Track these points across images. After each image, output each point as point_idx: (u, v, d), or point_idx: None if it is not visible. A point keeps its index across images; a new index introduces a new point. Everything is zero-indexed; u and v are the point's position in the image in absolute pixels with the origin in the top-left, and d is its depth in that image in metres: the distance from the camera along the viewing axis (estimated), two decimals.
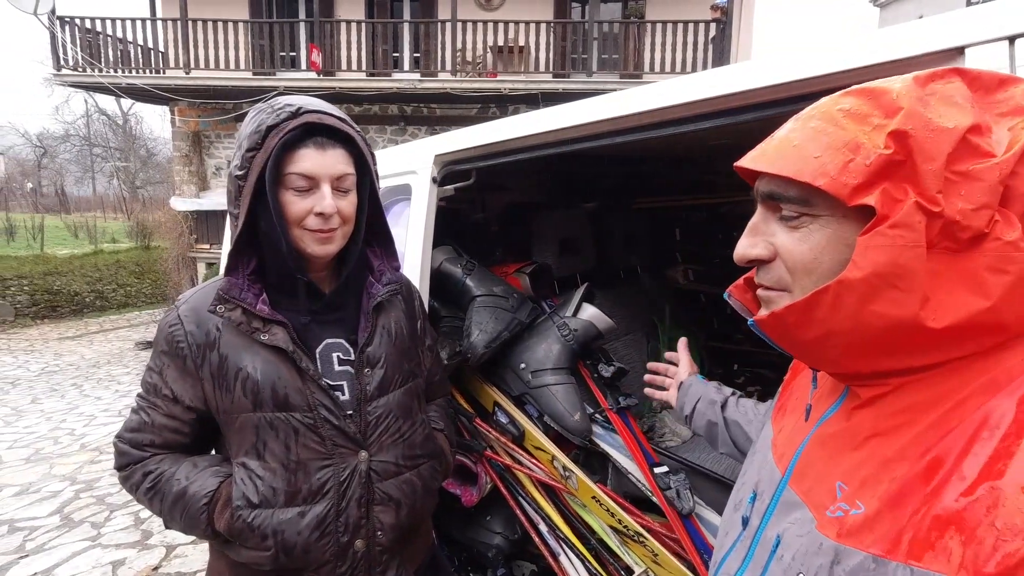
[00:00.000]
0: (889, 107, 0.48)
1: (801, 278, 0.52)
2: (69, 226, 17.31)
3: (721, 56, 9.06)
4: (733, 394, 1.10)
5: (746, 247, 0.56)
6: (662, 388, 1.25)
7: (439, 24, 9.35)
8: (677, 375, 1.22)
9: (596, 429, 1.62)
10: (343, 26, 9.36)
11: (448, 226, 1.70)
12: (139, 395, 1.02)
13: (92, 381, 6.91)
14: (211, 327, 0.96)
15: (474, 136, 1.50)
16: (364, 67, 9.43)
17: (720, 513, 1.46)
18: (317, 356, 1.01)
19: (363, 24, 9.39)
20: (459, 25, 9.09)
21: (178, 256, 9.90)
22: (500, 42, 9.30)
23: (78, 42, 9.32)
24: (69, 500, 3.75)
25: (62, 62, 9.33)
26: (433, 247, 1.62)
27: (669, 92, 1.12)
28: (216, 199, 9.74)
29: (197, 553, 3.04)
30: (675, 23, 9.17)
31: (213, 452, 1.09)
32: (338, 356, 1.02)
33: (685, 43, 9.19)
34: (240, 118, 9.69)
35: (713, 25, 9.18)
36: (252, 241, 0.96)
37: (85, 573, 2.92)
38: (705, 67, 8.95)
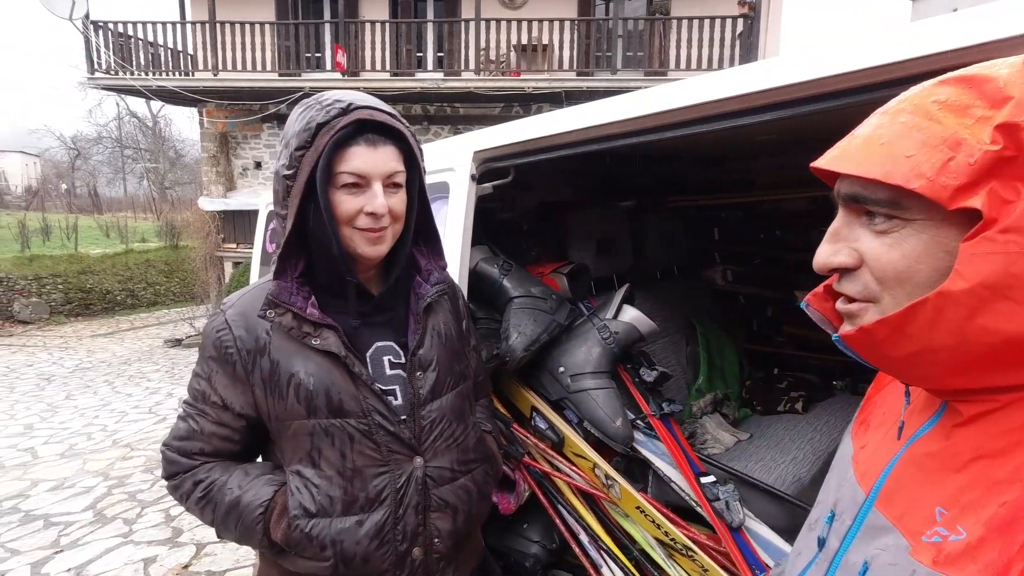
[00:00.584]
0: (995, 96, 0.43)
1: (892, 288, 0.47)
2: (101, 226, 17.75)
3: (749, 52, 8.87)
4: None
5: (828, 254, 0.51)
6: None
7: (463, 23, 9.35)
8: None
9: (638, 436, 1.57)
10: (367, 27, 9.42)
11: (483, 225, 1.66)
12: (186, 402, 1.00)
13: (123, 378, 7.06)
14: (260, 332, 0.94)
15: (514, 132, 1.46)
16: (388, 67, 9.48)
17: (770, 526, 1.40)
18: (368, 360, 0.97)
19: (387, 24, 9.45)
20: (483, 24, 9.07)
21: (206, 255, 10.09)
22: (524, 41, 9.25)
23: (111, 46, 9.55)
24: (102, 496, 3.81)
25: (95, 65, 9.57)
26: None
27: (718, 86, 1.06)
28: (243, 199, 9.87)
29: (227, 552, 3.06)
30: (701, 19, 9.00)
31: (260, 459, 1.07)
32: (389, 360, 0.99)
33: (712, 39, 9.02)
34: (267, 119, 9.82)
35: (740, 20, 8.99)
36: (300, 242, 0.93)
37: (117, 570, 2.95)
38: (732, 64, 8.79)
